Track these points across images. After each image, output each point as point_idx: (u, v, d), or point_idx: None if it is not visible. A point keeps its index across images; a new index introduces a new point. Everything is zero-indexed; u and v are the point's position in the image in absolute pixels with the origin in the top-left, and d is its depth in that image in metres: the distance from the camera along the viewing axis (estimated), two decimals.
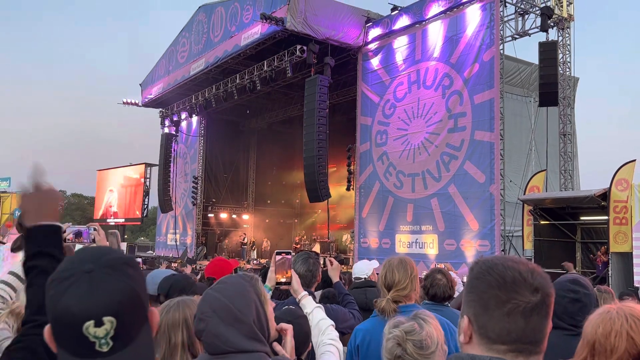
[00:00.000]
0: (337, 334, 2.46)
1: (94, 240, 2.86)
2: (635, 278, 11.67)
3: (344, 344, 3.17)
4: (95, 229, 2.89)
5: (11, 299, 2.59)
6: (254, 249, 26.64)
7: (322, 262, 3.60)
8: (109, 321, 1.03)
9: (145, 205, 33.98)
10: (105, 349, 1.04)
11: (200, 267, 16.96)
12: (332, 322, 2.52)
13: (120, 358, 1.05)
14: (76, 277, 1.06)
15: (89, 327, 1.02)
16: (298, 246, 24.84)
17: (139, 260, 18.60)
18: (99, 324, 1.02)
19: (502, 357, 1.21)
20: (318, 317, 2.51)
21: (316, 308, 2.58)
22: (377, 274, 4.17)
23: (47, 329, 1.08)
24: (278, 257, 2.81)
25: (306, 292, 2.71)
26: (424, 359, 2.01)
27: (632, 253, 11.89)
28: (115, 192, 36.02)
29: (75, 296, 1.04)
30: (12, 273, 2.61)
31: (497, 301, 1.22)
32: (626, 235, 12.13)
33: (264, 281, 2.01)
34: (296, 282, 2.74)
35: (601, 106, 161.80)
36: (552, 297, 1.24)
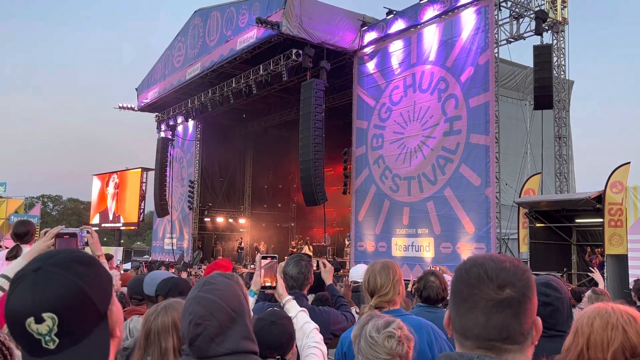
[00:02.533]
0: (321, 337, 2.47)
1: (87, 243, 2.86)
2: (631, 280, 11.69)
3: (336, 346, 3.18)
4: (88, 232, 2.89)
5: None
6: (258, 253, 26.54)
7: (315, 265, 3.60)
8: (49, 317, 1.03)
9: (142, 210, 33.92)
10: (51, 345, 1.04)
11: (196, 273, 16.92)
12: (316, 326, 2.53)
13: (70, 356, 1.05)
14: (24, 276, 1.08)
15: (30, 323, 1.03)
16: (294, 250, 24.82)
17: (140, 264, 18.55)
18: (39, 320, 1.03)
19: (473, 353, 1.20)
20: (302, 320, 2.51)
21: (300, 312, 2.58)
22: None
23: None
24: (264, 262, 2.81)
25: (290, 297, 2.72)
26: (411, 350, 2.07)
27: (627, 255, 11.92)
28: (111, 197, 35.94)
29: (18, 294, 1.06)
30: (3, 276, 2.61)
31: (461, 297, 1.23)
32: (621, 238, 12.15)
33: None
34: (281, 286, 2.74)
35: (596, 109, 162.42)
36: (527, 296, 1.21)
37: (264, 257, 2.84)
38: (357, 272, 4.36)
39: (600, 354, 1.69)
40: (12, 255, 4.44)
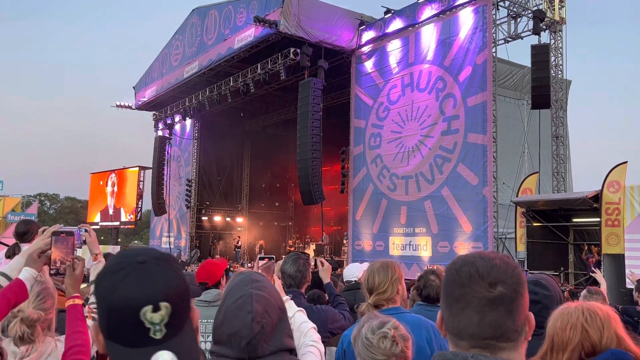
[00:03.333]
0: (318, 336, 2.48)
1: (84, 242, 2.85)
2: (627, 280, 11.72)
3: (336, 344, 3.18)
4: (86, 230, 2.89)
5: None
6: (261, 252, 26.54)
7: (313, 264, 3.61)
8: (165, 307, 1.07)
9: (139, 209, 33.86)
10: (159, 335, 1.07)
11: (193, 271, 16.91)
12: (314, 325, 2.53)
13: (171, 346, 1.07)
14: (130, 268, 1.11)
15: (147, 311, 1.05)
16: (292, 249, 24.83)
17: None
18: (156, 308, 1.06)
19: (468, 352, 1.20)
20: (300, 320, 2.52)
21: (297, 311, 2.59)
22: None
23: (93, 326, 1.13)
24: (262, 262, 2.82)
25: (288, 297, 2.73)
26: (408, 350, 2.08)
27: (624, 255, 11.95)
28: (110, 195, 35.87)
29: (133, 284, 1.08)
30: (2, 274, 2.61)
31: (453, 297, 1.22)
32: (618, 237, 12.19)
33: None
34: (278, 286, 2.75)
35: (594, 109, 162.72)
36: (518, 292, 1.21)
37: (262, 258, 2.85)
38: (351, 271, 4.37)
39: (560, 354, 1.71)
40: (11, 253, 4.44)
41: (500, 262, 1.23)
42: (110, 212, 35.49)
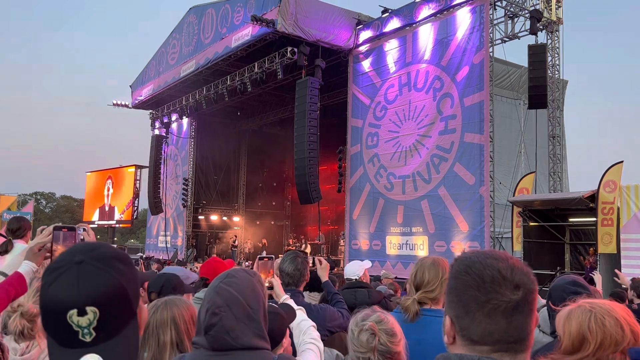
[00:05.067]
0: (318, 334, 2.48)
1: (83, 241, 2.85)
2: (615, 280, 11.74)
3: (334, 343, 3.19)
4: (84, 229, 2.89)
5: None
6: (264, 251, 26.52)
7: (311, 262, 3.61)
8: (91, 311, 1.05)
9: (136, 207, 33.81)
10: (88, 338, 1.06)
11: (190, 269, 16.89)
12: (313, 323, 2.54)
13: (103, 350, 1.07)
14: (66, 267, 1.10)
15: (73, 315, 1.05)
16: (293, 249, 24.81)
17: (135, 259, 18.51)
18: (82, 313, 1.05)
19: (474, 355, 1.17)
20: (299, 318, 2.53)
21: (297, 310, 2.59)
22: (379, 275, 4.16)
23: (39, 318, 1.12)
24: (261, 262, 2.82)
25: (287, 296, 2.72)
26: (394, 346, 2.06)
27: (618, 254, 11.98)
28: (106, 194, 35.80)
29: (63, 285, 1.07)
30: (0, 272, 2.60)
31: (477, 302, 1.17)
32: (611, 237, 12.21)
33: None
34: (277, 286, 2.75)
35: (590, 109, 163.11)
36: (535, 293, 1.19)
37: (261, 258, 2.85)
38: (352, 270, 4.36)
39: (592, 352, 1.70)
40: (3, 250, 4.44)
41: (516, 262, 1.21)
42: (107, 210, 35.44)
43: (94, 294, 1.06)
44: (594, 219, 12.64)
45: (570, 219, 14.65)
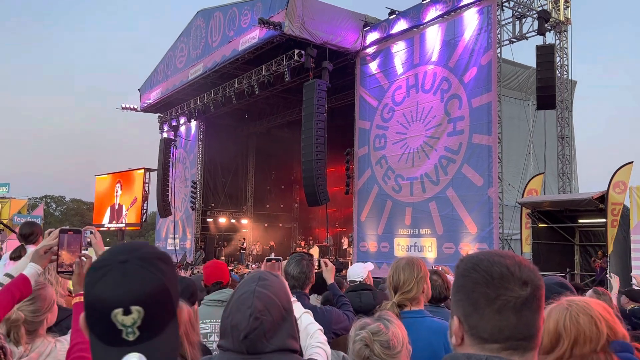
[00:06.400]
0: (325, 337, 2.48)
1: (90, 243, 2.86)
2: (633, 280, 11.65)
3: (339, 346, 3.18)
4: (92, 232, 2.89)
5: None
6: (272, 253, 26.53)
7: (316, 264, 3.61)
8: (136, 310, 1.07)
9: (144, 210, 33.94)
10: (131, 337, 1.07)
11: (199, 272, 16.93)
12: (320, 327, 2.54)
13: (145, 349, 1.08)
14: (111, 266, 1.11)
15: (118, 314, 1.06)
16: (304, 251, 24.79)
17: None
18: (127, 312, 1.06)
19: (498, 355, 1.17)
20: (306, 321, 2.52)
21: (304, 313, 2.59)
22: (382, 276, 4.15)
23: (82, 315, 1.14)
24: (269, 264, 2.82)
25: (294, 298, 2.72)
26: (391, 359, 2.04)
27: (628, 255, 11.88)
28: (115, 197, 35.97)
29: (108, 284, 1.09)
30: (7, 275, 2.62)
31: (486, 299, 1.17)
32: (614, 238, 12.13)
33: None
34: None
35: (599, 109, 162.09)
36: (543, 290, 1.20)
37: (269, 260, 2.85)
38: (355, 272, 4.35)
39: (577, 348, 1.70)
40: (16, 255, 4.46)
41: (522, 260, 1.22)
42: (116, 214, 35.60)
43: (139, 293, 1.08)
44: (604, 220, 12.54)
45: (580, 220, 14.55)
